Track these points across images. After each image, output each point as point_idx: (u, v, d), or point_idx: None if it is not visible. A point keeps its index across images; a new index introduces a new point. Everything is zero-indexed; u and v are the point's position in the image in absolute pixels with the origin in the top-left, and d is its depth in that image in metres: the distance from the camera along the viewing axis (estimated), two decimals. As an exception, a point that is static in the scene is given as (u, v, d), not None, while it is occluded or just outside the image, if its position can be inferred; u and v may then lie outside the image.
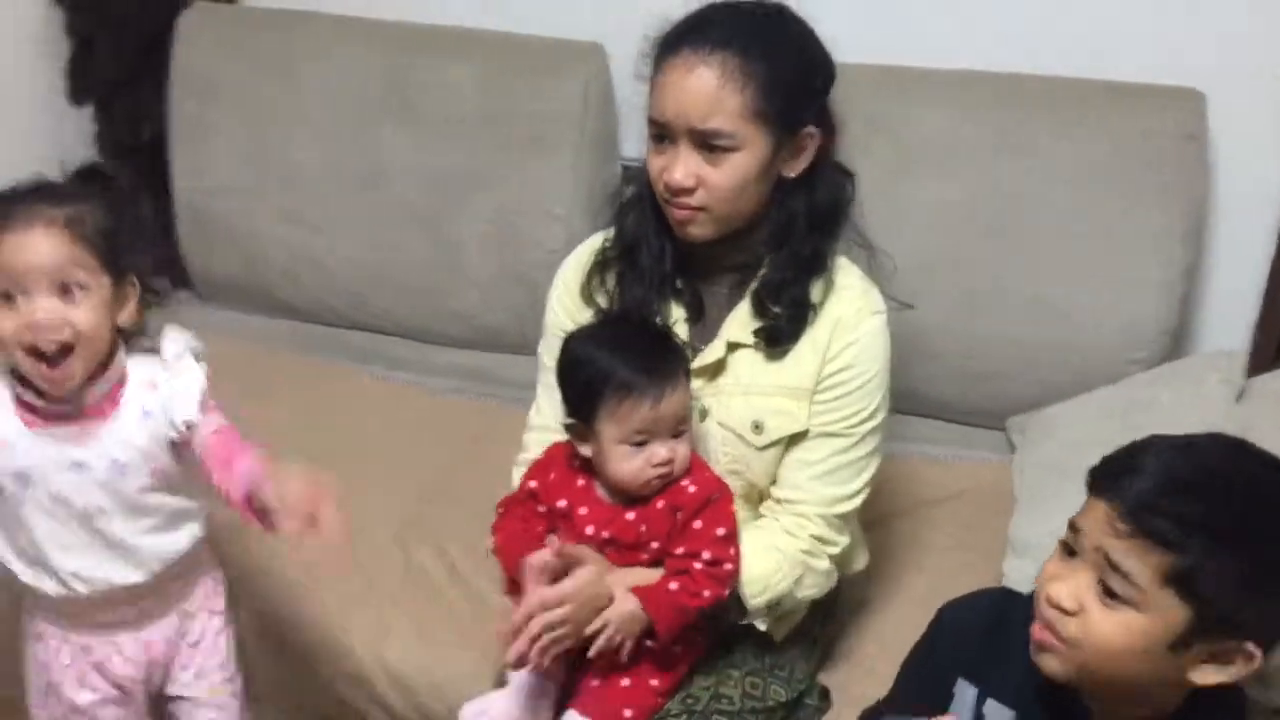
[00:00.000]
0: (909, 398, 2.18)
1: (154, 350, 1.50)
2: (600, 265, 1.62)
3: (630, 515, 1.48)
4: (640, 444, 1.44)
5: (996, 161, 2.10)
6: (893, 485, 2.04)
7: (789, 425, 1.52)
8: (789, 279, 1.52)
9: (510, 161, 2.35)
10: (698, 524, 1.46)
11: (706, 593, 1.44)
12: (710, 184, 1.44)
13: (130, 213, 1.49)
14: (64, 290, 1.37)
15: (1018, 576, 1.73)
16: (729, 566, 1.46)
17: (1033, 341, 2.12)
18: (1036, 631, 1.15)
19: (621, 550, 1.49)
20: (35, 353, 1.37)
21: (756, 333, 1.53)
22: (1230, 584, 1.06)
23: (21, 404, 1.44)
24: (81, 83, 2.64)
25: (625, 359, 1.44)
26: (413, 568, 1.98)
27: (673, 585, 1.44)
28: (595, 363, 1.45)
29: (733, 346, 1.54)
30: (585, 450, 1.50)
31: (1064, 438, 2.01)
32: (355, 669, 1.84)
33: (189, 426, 1.46)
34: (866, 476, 1.56)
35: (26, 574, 1.51)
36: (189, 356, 1.49)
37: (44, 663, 1.60)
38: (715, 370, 1.56)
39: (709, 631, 1.54)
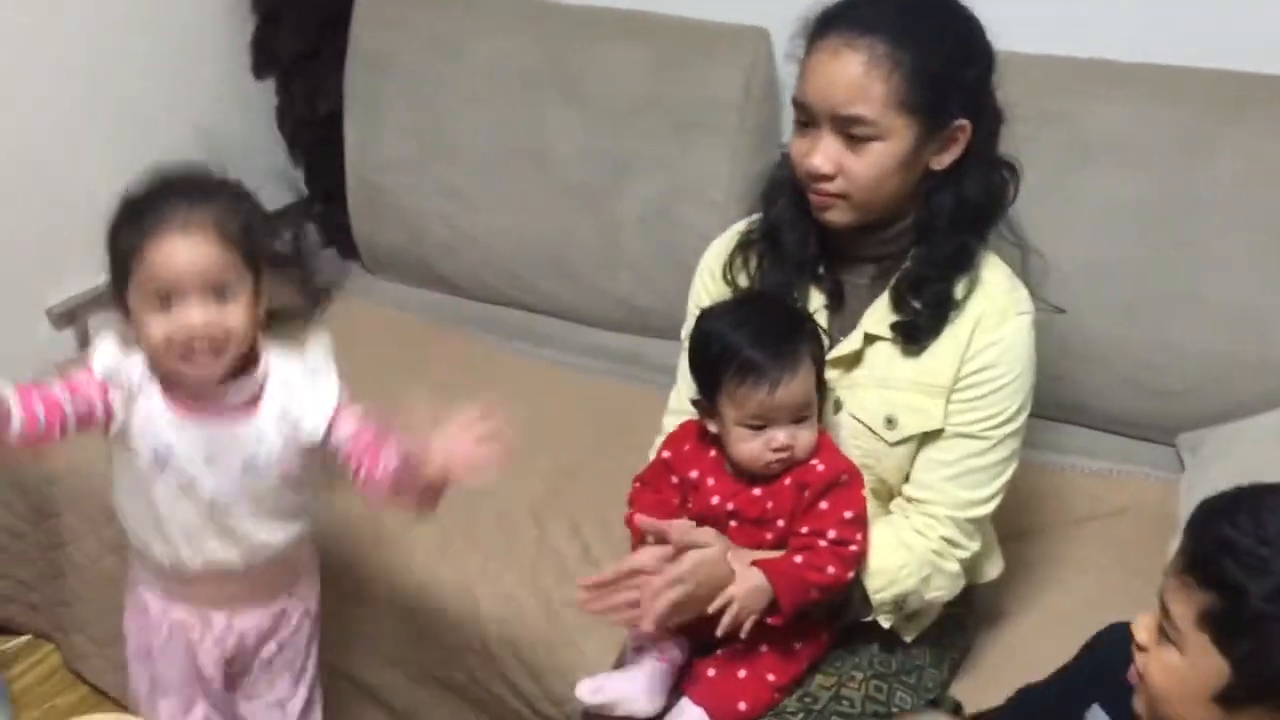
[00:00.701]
0: (1070, 407, 2.08)
1: (297, 342, 1.50)
2: (743, 246, 1.61)
3: (756, 491, 1.47)
4: (758, 428, 1.43)
5: (1175, 160, 1.97)
6: (1043, 496, 1.96)
7: (923, 422, 1.48)
8: (931, 275, 1.47)
9: (671, 146, 2.31)
10: (824, 504, 1.44)
11: (831, 569, 1.42)
12: (850, 172, 1.41)
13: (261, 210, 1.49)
14: (218, 293, 1.37)
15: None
16: (854, 548, 1.43)
17: (1210, 353, 1.99)
18: (1131, 668, 1.14)
19: (745, 525, 1.47)
20: (186, 355, 1.38)
21: (894, 327, 1.48)
22: (1272, 642, 1.00)
23: (168, 391, 1.45)
24: (265, 56, 2.74)
25: (749, 340, 1.42)
26: (546, 546, 1.98)
27: (797, 559, 1.42)
28: (718, 341, 1.44)
29: (870, 339, 1.50)
30: (711, 427, 1.50)
31: (1240, 459, 1.87)
32: (482, 644, 1.86)
33: (318, 439, 1.47)
34: (1001, 481, 1.51)
35: (139, 539, 1.55)
36: (331, 367, 1.48)
37: (142, 629, 1.64)
38: (851, 361, 1.52)
39: (832, 628, 1.51)
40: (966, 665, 1.69)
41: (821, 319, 1.53)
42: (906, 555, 1.48)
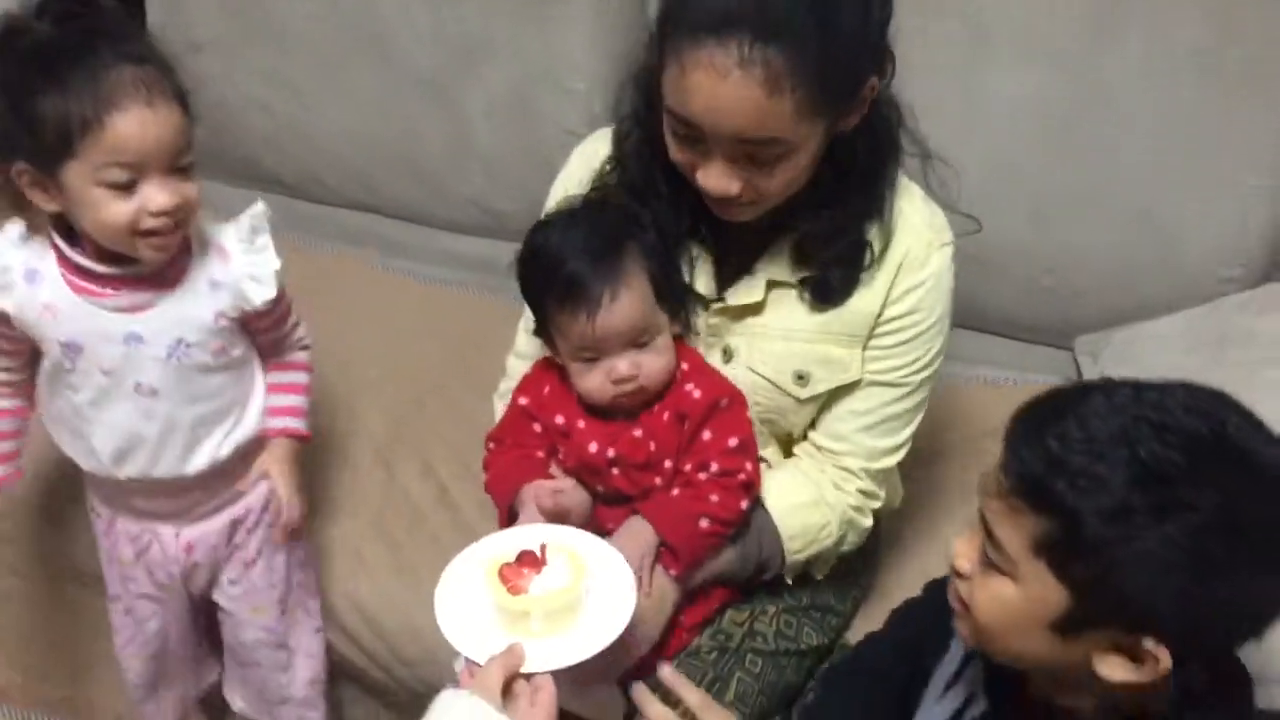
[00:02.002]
0: (967, 311, 1.88)
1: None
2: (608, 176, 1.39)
3: (637, 432, 1.30)
4: (591, 359, 1.27)
5: (1082, 48, 1.80)
6: (945, 412, 1.82)
7: (839, 375, 1.34)
8: (843, 231, 1.28)
9: (524, 28, 2.07)
10: (706, 434, 1.30)
11: (714, 497, 1.29)
12: (761, 188, 1.20)
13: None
14: (179, 169, 1.27)
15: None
16: (743, 477, 1.30)
17: (1110, 252, 1.87)
18: (950, 593, 1.05)
19: (630, 472, 1.32)
20: (148, 236, 1.27)
21: (803, 282, 1.31)
22: (1116, 568, 0.89)
23: (71, 269, 1.33)
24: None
25: (568, 257, 1.24)
26: (395, 490, 1.78)
27: (674, 492, 1.30)
28: (536, 260, 1.28)
29: (774, 284, 1.33)
30: (558, 359, 1.34)
31: (1138, 363, 1.77)
32: (326, 603, 1.65)
33: (265, 305, 1.39)
34: (914, 426, 1.40)
35: (67, 444, 1.45)
36: (268, 234, 1.39)
37: (101, 535, 1.57)
38: (745, 310, 1.35)
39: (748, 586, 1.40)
40: (873, 599, 1.59)
41: (705, 271, 1.36)
42: (828, 514, 1.37)
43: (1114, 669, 0.94)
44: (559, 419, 1.33)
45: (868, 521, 1.41)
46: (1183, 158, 1.79)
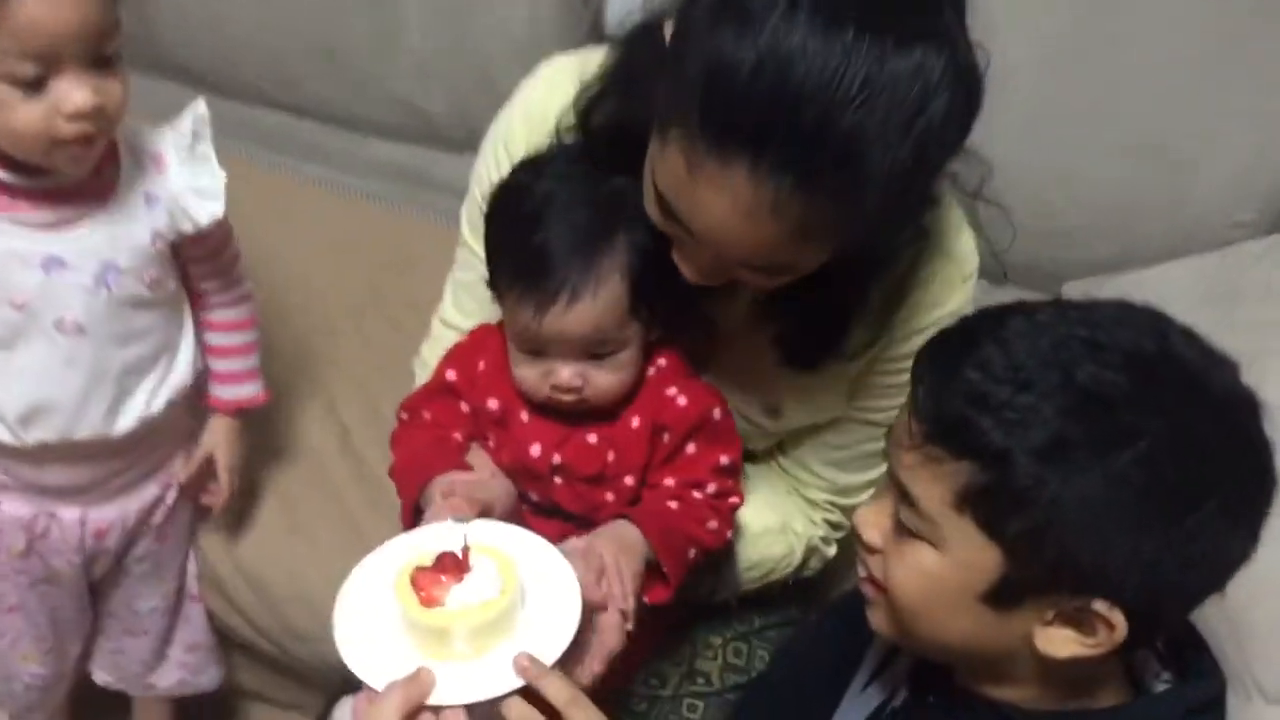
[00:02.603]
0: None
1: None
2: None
3: (592, 437, 1.08)
4: (534, 352, 1.05)
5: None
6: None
7: (817, 414, 1.17)
8: (831, 323, 1.07)
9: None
10: (691, 448, 1.10)
11: (712, 524, 1.10)
12: (756, 286, 1.01)
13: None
14: (101, 61, 1.07)
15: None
16: (735, 500, 1.13)
17: (1107, 185, 1.69)
18: (860, 578, 0.93)
19: (576, 484, 1.10)
20: (63, 145, 1.08)
21: (775, 340, 1.10)
22: (1056, 516, 0.78)
23: None
24: None
25: (540, 225, 1.01)
26: (294, 433, 1.59)
27: (672, 505, 1.09)
28: (508, 202, 1.05)
29: (754, 306, 1.11)
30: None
31: None
32: (205, 564, 1.47)
33: (211, 226, 1.22)
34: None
35: None
36: (209, 140, 1.21)
37: None
38: (730, 330, 1.15)
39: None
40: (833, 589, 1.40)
41: None
42: (792, 544, 1.23)
43: (1059, 643, 0.83)
44: (493, 404, 1.11)
45: (832, 550, 1.26)
46: (1196, 78, 1.59)
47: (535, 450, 1.08)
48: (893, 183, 0.83)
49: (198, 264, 1.28)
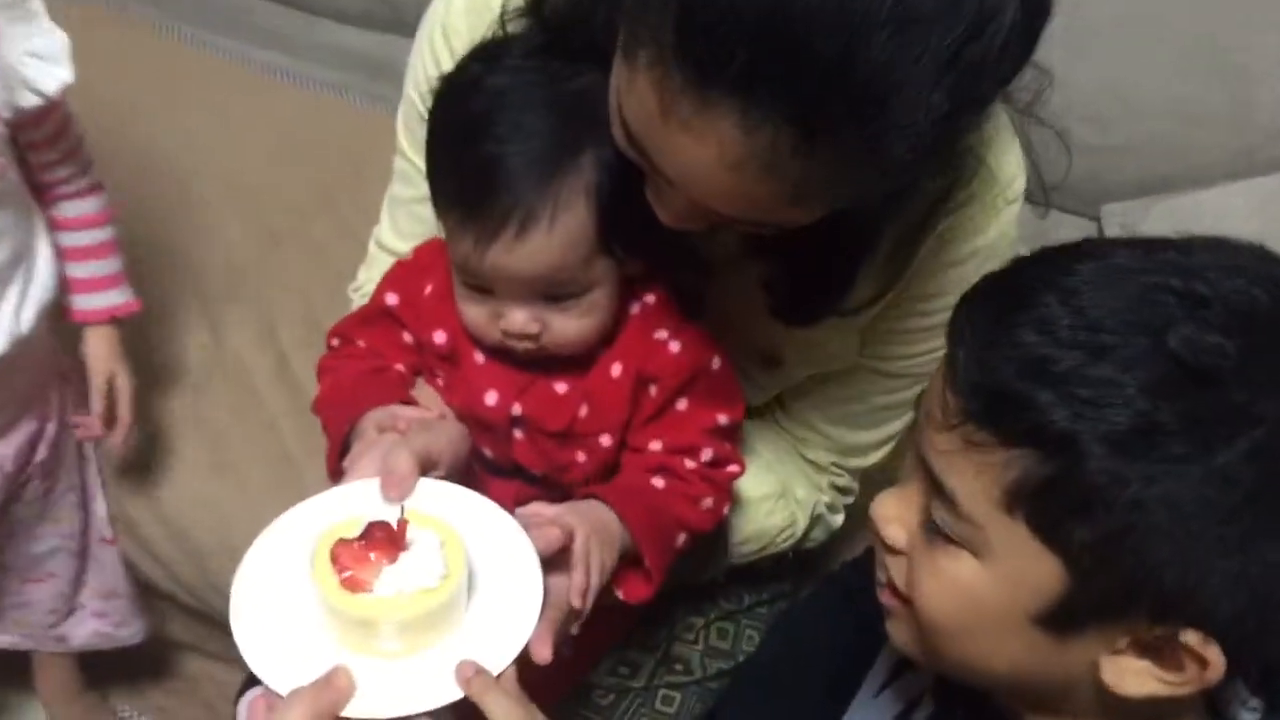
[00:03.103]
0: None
1: None
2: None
3: (561, 386, 0.90)
4: (479, 289, 0.86)
5: None
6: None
7: (823, 364, 0.99)
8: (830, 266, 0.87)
9: None
10: (683, 405, 0.92)
11: (708, 501, 0.93)
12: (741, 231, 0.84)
13: None
14: None
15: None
16: (734, 469, 0.95)
17: (1157, 94, 1.51)
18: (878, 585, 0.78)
19: (541, 440, 0.92)
20: None
21: (768, 286, 0.91)
22: (1132, 521, 0.62)
23: None
24: None
25: (490, 132, 0.81)
26: (225, 357, 1.41)
27: (657, 482, 0.91)
28: (453, 100, 0.85)
29: (747, 241, 0.92)
30: None
31: None
32: (121, 509, 1.30)
33: (57, 96, 1.06)
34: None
35: None
36: None
37: None
38: (722, 264, 0.96)
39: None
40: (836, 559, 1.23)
41: None
42: (793, 513, 1.06)
43: (1132, 678, 0.66)
44: (440, 337, 0.92)
45: (839, 519, 1.10)
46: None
47: (490, 398, 0.90)
48: (927, 133, 0.65)
49: (39, 150, 1.12)
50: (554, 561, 0.78)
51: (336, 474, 0.84)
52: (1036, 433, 0.62)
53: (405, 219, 1.03)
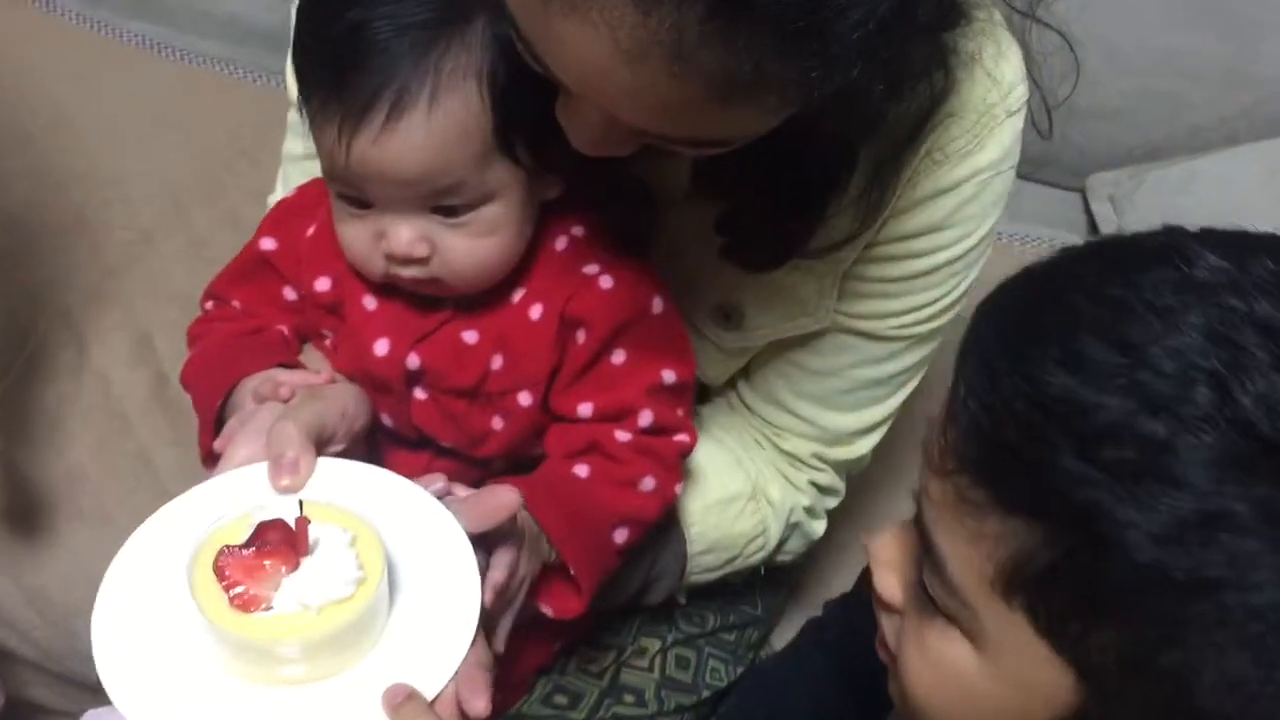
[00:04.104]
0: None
1: None
2: None
3: (469, 334, 0.77)
4: (355, 202, 0.73)
5: None
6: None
7: (792, 320, 0.83)
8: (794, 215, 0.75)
9: None
10: (619, 357, 0.78)
11: (648, 482, 0.79)
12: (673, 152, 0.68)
13: None
14: None
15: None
16: (683, 439, 0.81)
17: (1148, 50, 1.39)
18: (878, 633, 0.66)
19: (445, 400, 0.79)
20: None
21: (719, 225, 0.78)
22: (1184, 639, 0.49)
23: None
24: None
25: (356, 3, 0.69)
26: (87, 380, 1.21)
27: (580, 470, 0.78)
28: (319, 3, 0.72)
29: (698, 172, 0.79)
30: None
31: (1197, 212, 1.27)
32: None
33: None
34: (902, 395, 0.89)
35: None
36: None
37: None
38: (666, 198, 0.82)
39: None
40: (810, 587, 1.11)
41: None
42: (765, 518, 0.91)
43: None
44: (323, 283, 0.79)
45: (820, 526, 0.95)
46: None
47: (381, 347, 0.77)
48: (880, 6, 0.53)
49: None
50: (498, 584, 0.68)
51: (210, 458, 0.73)
52: (1046, 502, 0.49)
53: (300, 177, 0.89)
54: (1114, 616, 0.50)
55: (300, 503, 0.64)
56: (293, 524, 0.62)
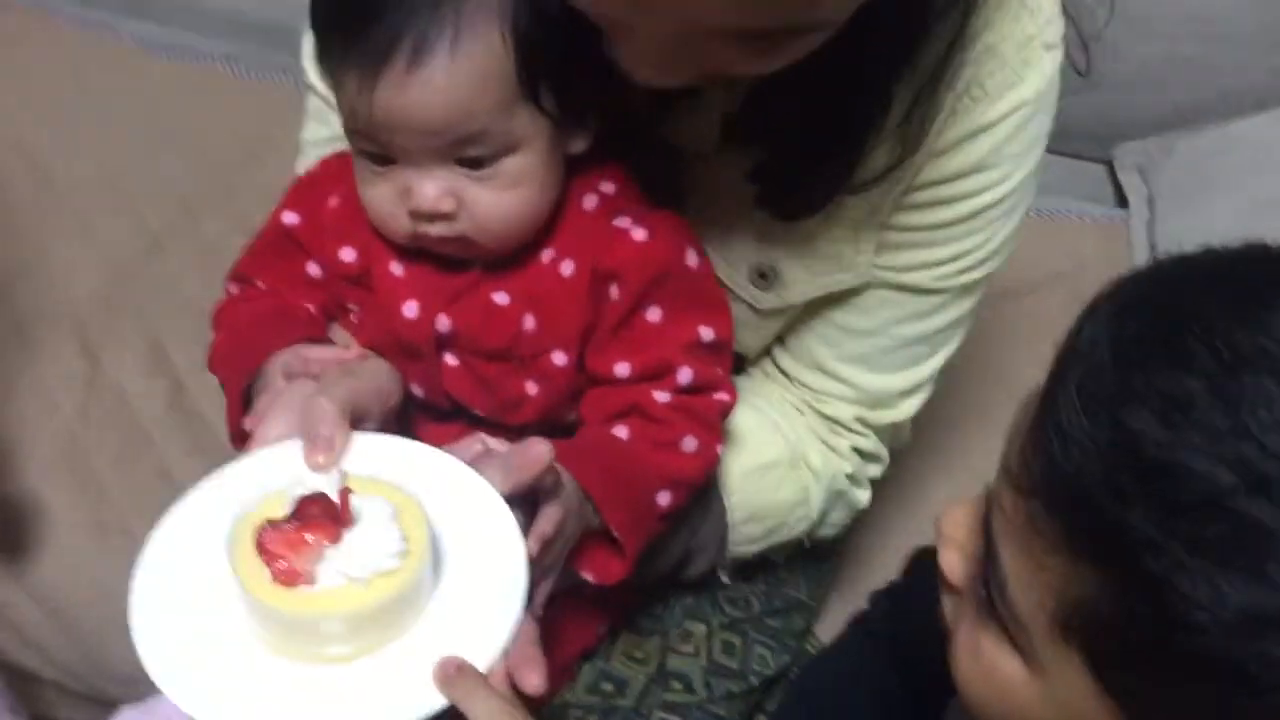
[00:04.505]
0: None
1: None
2: None
3: (500, 296, 0.76)
4: (378, 158, 0.72)
5: None
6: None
7: (830, 276, 0.81)
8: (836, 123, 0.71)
9: None
10: (653, 314, 0.76)
11: (690, 442, 0.77)
12: (751, 69, 0.64)
13: None
14: None
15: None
16: (723, 398, 0.79)
17: (1180, 22, 1.35)
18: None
19: (477, 363, 0.78)
20: None
21: (755, 173, 0.76)
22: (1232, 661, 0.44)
23: None
24: None
25: None
26: (101, 392, 1.17)
27: (619, 431, 0.77)
28: None
29: (732, 122, 0.76)
30: None
31: (1221, 189, 1.28)
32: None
33: None
34: (947, 352, 0.86)
35: None
36: None
37: None
38: (696, 155, 0.81)
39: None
40: (851, 569, 1.08)
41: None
42: (807, 485, 0.88)
43: None
44: (348, 254, 0.78)
45: (863, 494, 0.91)
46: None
47: (410, 309, 0.75)
48: None
49: None
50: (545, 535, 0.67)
51: (240, 437, 0.72)
52: (1119, 560, 0.45)
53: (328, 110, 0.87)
54: (1171, 684, 0.47)
55: (343, 475, 0.63)
56: (334, 497, 0.61)
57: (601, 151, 0.75)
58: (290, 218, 0.80)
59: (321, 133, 0.89)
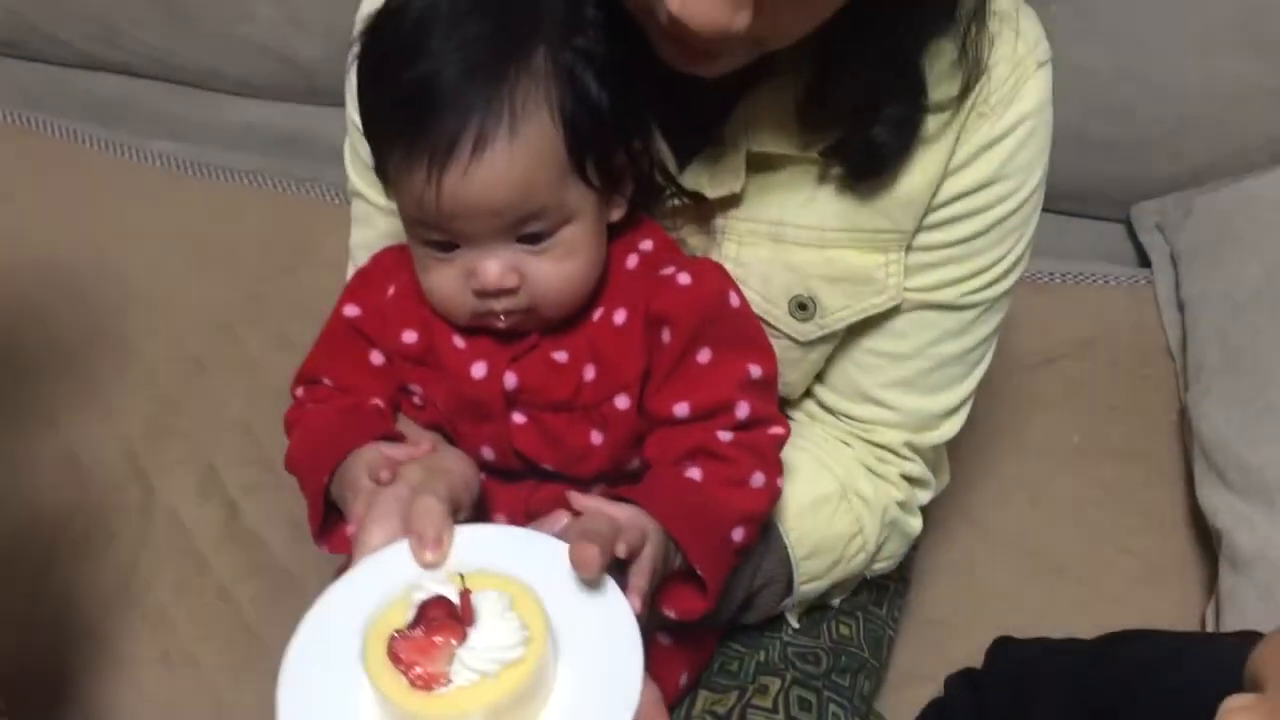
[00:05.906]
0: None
1: None
2: None
3: (559, 354, 0.80)
4: (443, 245, 0.77)
5: None
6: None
7: (865, 300, 0.87)
8: (873, 78, 0.78)
9: None
10: (704, 355, 0.80)
11: (758, 478, 0.80)
12: (776, 26, 0.71)
13: None
14: None
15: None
16: (778, 431, 0.82)
17: (1191, 80, 1.36)
18: None
19: (544, 417, 0.82)
20: None
21: (832, 152, 0.82)
22: None
23: None
24: None
25: (423, 49, 0.73)
26: (156, 520, 1.18)
27: (692, 473, 0.79)
28: (377, 39, 0.77)
29: (760, 161, 0.84)
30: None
31: (1247, 249, 1.29)
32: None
33: None
34: (980, 371, 0.93)
35: None
36: None
37: None
38: (711, 201, 0.85)
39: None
40: (904, 630, 1.09)
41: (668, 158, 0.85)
42: (861, 515, 0.92)
43: None
44: (410, 336, 0.82)
45: (914, 523, 0.96)
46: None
47: (478, 370, 0.79)
48: None
49: None
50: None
51: (320, 536, 0.78)
52: None
53: (377, 220, 0.93)
54: None
55: (461, 577, 0.65)
56: (453, 598, 0.63)
57: (636, 215, 0.81)
58: (352, 310, 0.85)
59: (368, 235, 0.93)
